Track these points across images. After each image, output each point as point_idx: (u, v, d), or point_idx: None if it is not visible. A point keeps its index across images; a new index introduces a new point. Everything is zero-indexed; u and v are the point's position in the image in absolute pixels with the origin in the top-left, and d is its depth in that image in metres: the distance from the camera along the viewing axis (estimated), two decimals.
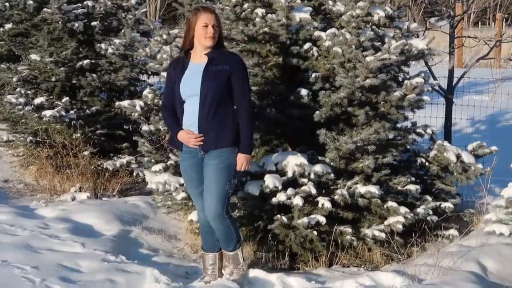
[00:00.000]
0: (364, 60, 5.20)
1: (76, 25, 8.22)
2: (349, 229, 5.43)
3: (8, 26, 10.06)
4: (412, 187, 5.67)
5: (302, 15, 5.56)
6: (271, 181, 5.23)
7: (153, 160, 6.04)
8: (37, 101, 7.97)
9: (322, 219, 5.26)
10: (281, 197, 5.28)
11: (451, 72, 7.86)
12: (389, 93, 5.47)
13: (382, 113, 5.58)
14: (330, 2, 5.82)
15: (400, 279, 4.89)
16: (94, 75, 8.17)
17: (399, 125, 6.08)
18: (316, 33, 5.63)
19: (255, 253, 5.70)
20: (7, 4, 9.71)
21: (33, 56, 8.40)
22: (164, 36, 6.21)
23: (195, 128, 4.73)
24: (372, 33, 5.56)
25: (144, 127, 6.23)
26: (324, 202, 5.26)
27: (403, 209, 5.45)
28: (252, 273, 5.14)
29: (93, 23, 8.41)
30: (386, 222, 5.47)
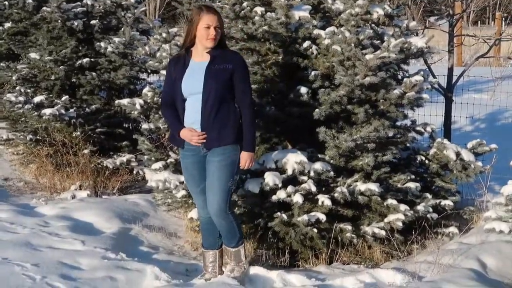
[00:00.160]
0: (363, 58, 5.21)
1: (76, 23, 8.23)
2: (349, 227, 5.44)
3: (7, 25, 10.08)
4: (412, 184, 5.67)
5: (302, 13, 5.56)
6: (271, 179, 5.23)
7: (153, 158, 6.05)
8: (37, 99, 7.97)
9: (322, 217, 5.26)
10: (281, 194, 5.28)
11: (450, 70, 7.87)
12: (388, 91, 5.47)
13: (382, 111, 5.59)
14: (329, 1, 5.83)
15: (400, 276, 4.90)
16: (94, 73, 8.18)
17: (398, 123, 6.09)
18: (316, 31, 5.63)
19: (255, 250, 5.71)
20: (6, 2, 9.76)
21: (32, 55, 8.40)
22: (164, 35, 6.22)
23: (197, 126, 4.74)
24: (371, 31, 5.57)
25: (144, 125, 6.24)
26: (324, 199, 5.27)
27: (403, 206, 5.46)
28: (252, 270, 5.15)
29: (93, 21, 8.42)
30: (386, 220, 5.47)
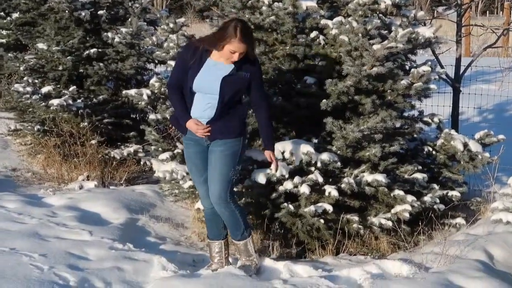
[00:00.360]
0: (370, 49, 5.19)
1: (83, 14, 8.23)
2: (356, 218, 5.44)
3: (15, 15, 10.10)
4: (419, 175, 5.66)
5: (309, 3, 5.54)
6: (278, 170, 5.22)
7: (160, 149, 6.06)
8: (44, 90, 7.99)
9: (329, 208, 5.26)
10: (288, 185, 5.29)
11: (458, 60, 7.84)
12: (396, 82, 5.46)
13: (389, 102, 5.58)
14: None
15: (407, 267, 4.90)
16: (101, 64, 8.19)
17: (406, 114, 6.08)
18: (323, 21, 5.62)
19: (262, 241, 5.72)
20: None
21: (40, 45, 8.41)
22: (171, 25, 6.20)
23: (203, 120, 4.76)
24: (378, 21, 5.55)
25: (151, 116, 6.24)
26: (331, 190, 5.27)
27: (410, 197, 5.46)
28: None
29: (100, 12, 8.42)
30: (393, 211, 5.47)
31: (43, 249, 5.15)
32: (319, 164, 5.35)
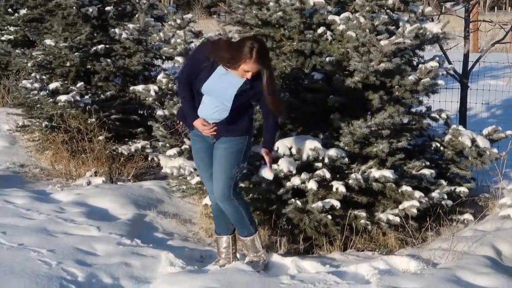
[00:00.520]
0: (378, 44, 5.18)
1: (90, 10, 8.24)
2: (363, 213, 5.44)
3: (23, 12, 10.13)
4: (426, 171, 5.65)
5: None
6: (285, 165, 5.23)
7: (167, 145, 6.06)
8: (52, 86, 8.00)
9: (337, 203, 5.26)
10: (295, 181, 5.28)
11: (466, 56, 7.82)
12: (403, 77, 5.45)
13: (397, 98, 5.57)
14: None
15: (415, 263, 4.89)
16: (109, 60, 8.20)
17: (413, 110, 6.07)
18: (330, 17, 5.61)
19: (269, 237, 5.71)
20: None
21: (47, 41, 8.42)
22: (178, 21, 6.21)
23: (210, 120, 4.78)
24: (386, 17, 5.54)
25: (159, 112, 6.24)
26: (338, 186, 5.27)
27: (417, 193, 5.45)
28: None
29: (107, 8, 8.43)
30: (400, 207, 5.46)
31: (51, 244, 5.17)
32: (326, 160, 5.34)
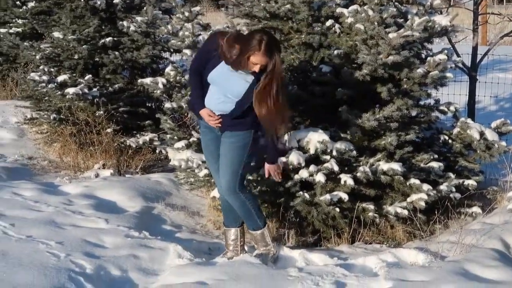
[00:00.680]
0: (386, 37, 5.17)
1: (98, 2, 8.24)
2: (371, 206, 5.43)
3: (31, 4, 10.15)
4: (435, 164, 5.64)
5: None
6: (295, 158, 5.22)
7: (175, 137, 6.07)
8: (60, 78, 8.02)
9: (345, 196, 5.25)
10: (303, 174, 5.28)
11: (474, 49, 7.79)
12: (412, 70, 5.43)
13: (405, 90, 5.55)
14: None
15: (423, 256, 4.88)
16: (117, 52, 8.20)
17: (422, 102, 6.05)
18: (338, 9, 5.60)
19: (277, 229, 5.72)
20: None
21: (55, 34, 8.43)
22: (186, 14, 6.21)
23: (216, 111, 4.78)
24: (394, 9, 5.51)
25: (167, 105, 6.25)
26: (346, 179, 5.26)
27: (425, 186, 5.44)
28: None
29: (115, 0, 8.41)
30: (408, 199, 5.45)
31: (59, 237, 5.19)
32: (334, 153, 5.33)
